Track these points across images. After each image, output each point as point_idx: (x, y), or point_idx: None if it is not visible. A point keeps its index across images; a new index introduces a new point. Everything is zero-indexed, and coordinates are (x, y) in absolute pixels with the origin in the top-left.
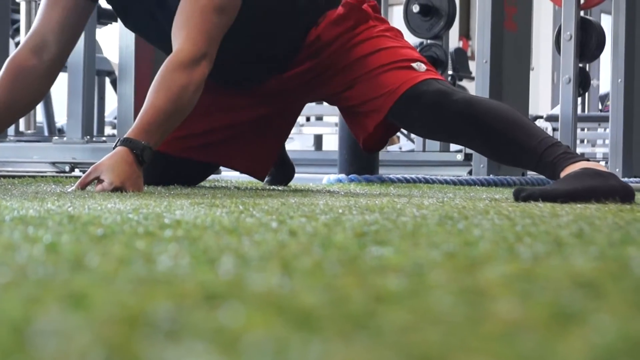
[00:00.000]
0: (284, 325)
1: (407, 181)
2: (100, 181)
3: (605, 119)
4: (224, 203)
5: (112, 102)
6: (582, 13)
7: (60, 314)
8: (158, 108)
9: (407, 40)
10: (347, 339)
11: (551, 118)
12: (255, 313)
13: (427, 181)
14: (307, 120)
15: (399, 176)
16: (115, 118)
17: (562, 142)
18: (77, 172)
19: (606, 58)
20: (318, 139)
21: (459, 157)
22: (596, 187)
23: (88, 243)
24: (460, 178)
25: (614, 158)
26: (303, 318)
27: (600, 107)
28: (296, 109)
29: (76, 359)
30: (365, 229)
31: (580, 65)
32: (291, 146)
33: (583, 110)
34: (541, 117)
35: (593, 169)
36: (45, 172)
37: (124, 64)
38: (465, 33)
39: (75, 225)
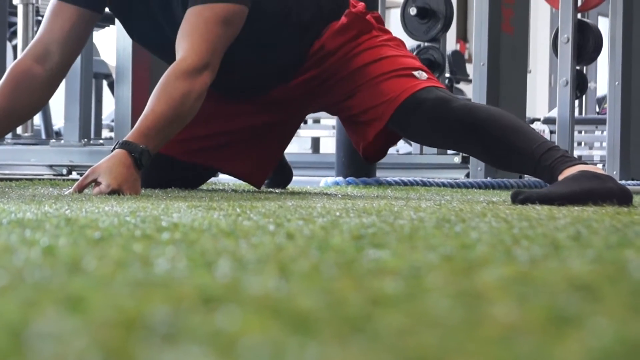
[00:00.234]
0: (281, 328)
1: (405, 184)
2: (97, 183)
3: (602, 122)
4: (222, 206)
5: (110, 105)
6: (580, 16)
7: (57, 317)
8: (158, 114)
9: (405, 42)
10: (344, 342)
11: (548, 121)
12: (252, 316)
13: (425, 184)
14: (305, 123)
15: (397, 179)
16: (112, 121)
17: (560, 145)
18: (75, 175)
19: (603, 61)
20: (315, 142)
21: (457, 160)
22: (594, 190)
23: (85, 246)
24: (457, 181)
25: (612, 161)
26: (300, 321)
27: (597, 110)
28: (297, 119)
29: None
30: (362, 232)
31: (577, 67)
32: (288, 149)
33: (580, 112)
34: (538, 120)
35: (590, 172)
36: (42, 175)
37: (121, 67)
38: (462, 36)
39: (72, 228)
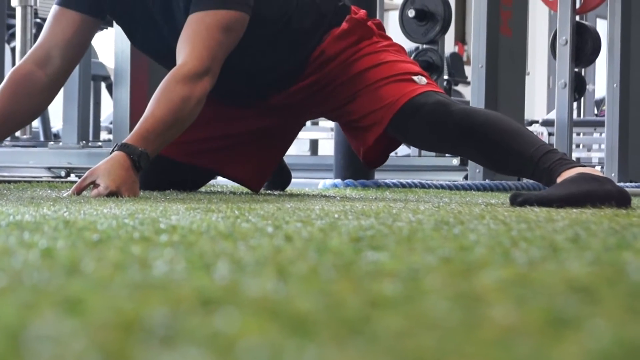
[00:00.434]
0: (279, 330)
1: (403, 186)
2: (96, 186)
3: (601, 124)
4: (220, 208)
5: (108, 107)
6: (578, 18)
7: (55, 320)
8: (158, 117)
9: (404, 45)
10: (342, 345)
11: (547, 123)
12: (250, 318)
13: (423, 186)
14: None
15: (395, 181)
16: (111, 123)
17: (558, 147)
18: (73, 177)
19: (602, 63)
20: (314, 144)
21: (455, 162)
22: (592, 192)
23: (83, 248)
24: (456, 183)
25: (610, 163)
26: (298, 323)
27: (595, 112)
28: (297, 124)
29: None
30: (360, 234)
31: (575, 69)
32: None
33: (579, 114)
34: (537, 122)
35: (589, 174)
36: (41, 177)
37: (120, 69)
38: (460, 38)
39: (70, 230)
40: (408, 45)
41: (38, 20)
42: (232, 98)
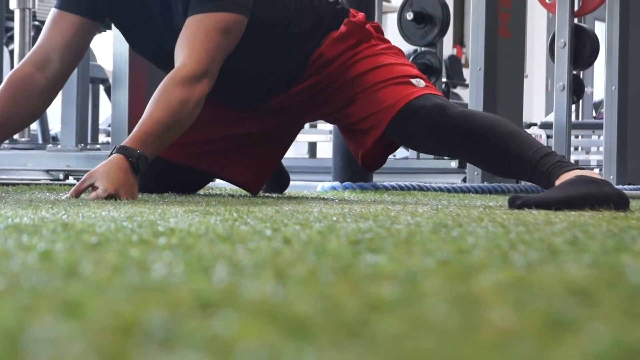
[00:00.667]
0: (278, 333)
1: (401, 188)
2: (94, 188)
3: (599, 126)
4: (218, 211)
5: (106, 110)
6: (576, 20)
7: (54, 322)
8: (156, 120)
9: (402, 48)
10: (341, 348)
11: (545, 125)
12: (249, 321)
13: (422, 188)
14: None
15: (393, 183)
16: (109, 126)
17: (557, 150)
18: (72, 180)
19: (600, 65)
20: (312, 147)
21: (454, 165)
22: (590, 194)
23: (82, 251)
24: (454, 185)
25: (608, 165)
26: (297, 326)
27: (594, 115)
28: (296, 126)
29: None
30: (359, 237)
31: (574, 72)
32: (286, 154)
33: (577, 117)
34: (535, 125)
35: (587, 177)
36: (39, 180)
37: (118, 72)
38: (459, 40)
39: (69, 233)
40: (406, 47)
41: (36, 22)
42: (231, 100)
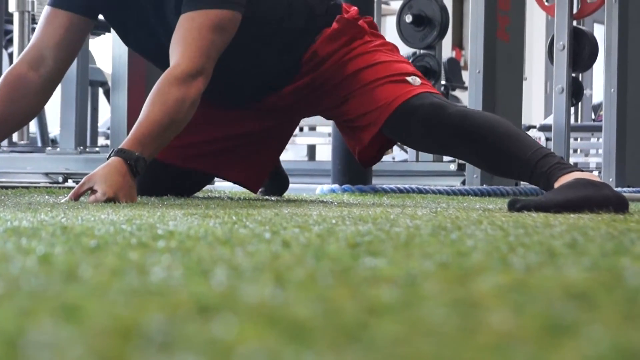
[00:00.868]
0: (277, 336)
1: (401, 191)
2: (93, 191)
3: (598, 129)
4: (217, 214)
5: (105, 113)
6: (575, 23)
7: (53, 326)
8: (153, 121)
9: (401, 50)
10: (340, 351)
11: (544, 128)
12: (248, 325)
13: (421, 191)
14: (301, 130)
15: (392, 186)
16: (108, 128)
17: (556, 152)
18: (71, 183)
19: (599, 68)
20: (311, 149)
21: (452, 167)
22: (590, 197)
23: (81, 254)
24: (453, 188)
25: (607, 168)
26: (296, 330)
27: (593, 117)
28: (292, 123)
29: None
30: (358, 240)
31: (573, 75)
32: (284, 156)
33: (576, 120)
34: (534, 127)
35: (586, 179)
36: (38, 183)
37: (117, 75)
38: (458, 43)
39: (68, 236)
40: (405, 50)
41: (36, 25)
42: (227, 100)
